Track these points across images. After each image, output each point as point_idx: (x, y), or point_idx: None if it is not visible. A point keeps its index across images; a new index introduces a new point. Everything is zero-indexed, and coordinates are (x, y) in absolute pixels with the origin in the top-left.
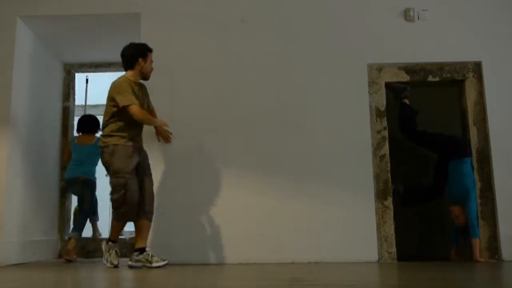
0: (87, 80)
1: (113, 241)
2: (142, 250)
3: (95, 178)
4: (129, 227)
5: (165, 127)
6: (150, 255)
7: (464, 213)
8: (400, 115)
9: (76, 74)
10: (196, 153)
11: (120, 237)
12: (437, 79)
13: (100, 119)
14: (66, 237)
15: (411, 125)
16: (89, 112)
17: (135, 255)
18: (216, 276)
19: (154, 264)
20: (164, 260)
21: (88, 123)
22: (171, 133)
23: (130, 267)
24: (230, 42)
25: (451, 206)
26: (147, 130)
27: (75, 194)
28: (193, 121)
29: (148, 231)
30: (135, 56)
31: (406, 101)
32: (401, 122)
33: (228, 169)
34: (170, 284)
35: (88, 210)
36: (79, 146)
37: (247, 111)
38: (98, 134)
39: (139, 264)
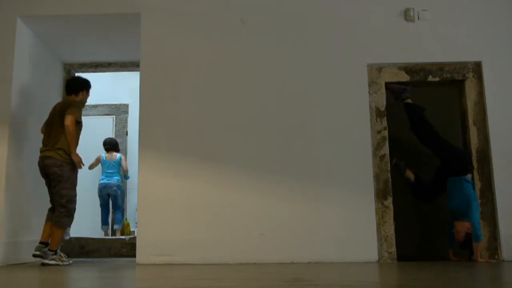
0: None
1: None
2: (55, 251)
3: (122, 183)
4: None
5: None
6: (62, 255)
7: (464, 230)
8: (409, 116)
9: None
10: (197, 153)
11: (121, 237)
12: (437, 79)
13: (99, 119)
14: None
15: (423, 124)
16: (89, 112)
17: (51, 255)
18: (216, 276)
19: (65, 263)
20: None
21: (113, 144)
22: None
23: (44, 264)
24: (230, 42)
25: (455, 220)
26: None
27: (108, 195)
28: (193, 121)
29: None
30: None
31: (409, 100)
32: (412, 123)
33: (228, 169)
34: (170, 284)
35: (121, 205)
36: (107, 161)
37: (247, 111)
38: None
39: (53, 262)
